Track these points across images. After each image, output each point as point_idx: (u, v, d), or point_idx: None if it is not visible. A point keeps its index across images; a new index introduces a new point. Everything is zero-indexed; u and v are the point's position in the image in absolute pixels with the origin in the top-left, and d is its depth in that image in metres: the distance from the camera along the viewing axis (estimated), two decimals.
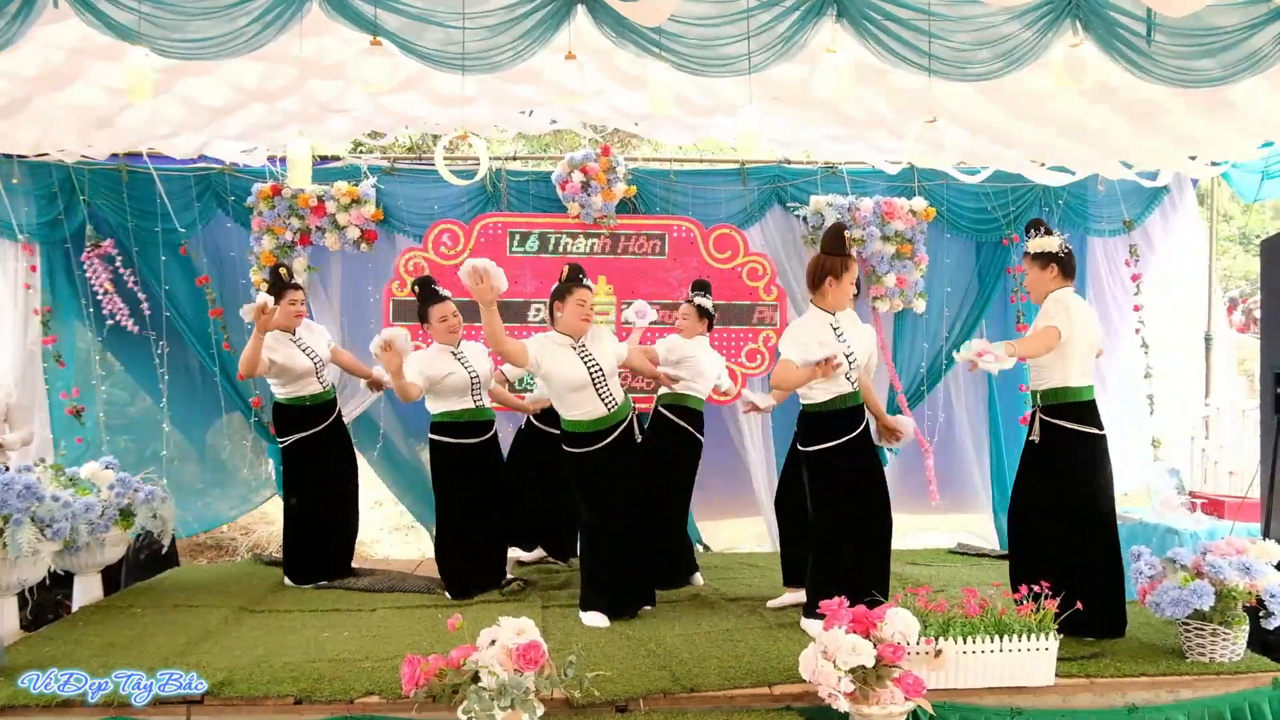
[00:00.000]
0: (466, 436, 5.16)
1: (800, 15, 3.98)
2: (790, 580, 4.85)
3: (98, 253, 6.60)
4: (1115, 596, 4.23)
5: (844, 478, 4.33)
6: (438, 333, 5.18)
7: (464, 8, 3.86)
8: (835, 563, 4.27)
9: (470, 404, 5.15)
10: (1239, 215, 12.08)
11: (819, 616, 3.52)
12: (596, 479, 4.58)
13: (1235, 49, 4.00)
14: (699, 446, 5.49)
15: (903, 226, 6.84)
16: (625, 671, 3.68)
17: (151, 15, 3.79)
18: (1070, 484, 4.28)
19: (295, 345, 5.41)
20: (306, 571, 5.49)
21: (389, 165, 6.99)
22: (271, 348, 5.26)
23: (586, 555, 4.69)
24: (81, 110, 5.37)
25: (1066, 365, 4.29)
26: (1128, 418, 7.31)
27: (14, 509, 3.99)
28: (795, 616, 4.56)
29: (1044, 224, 4.50)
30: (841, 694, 3.17)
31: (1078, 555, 4.20)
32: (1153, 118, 5.27)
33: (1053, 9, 3.89)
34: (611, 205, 6.74)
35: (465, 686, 3.06)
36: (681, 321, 5.58)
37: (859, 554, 4.29)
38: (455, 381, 5.09)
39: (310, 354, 5.43)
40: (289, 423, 5.48)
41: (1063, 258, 4.39)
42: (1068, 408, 4.32)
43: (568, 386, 4.51)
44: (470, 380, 5.12)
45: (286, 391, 5.44)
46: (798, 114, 5.77)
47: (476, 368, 5.16)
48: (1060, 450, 4.32)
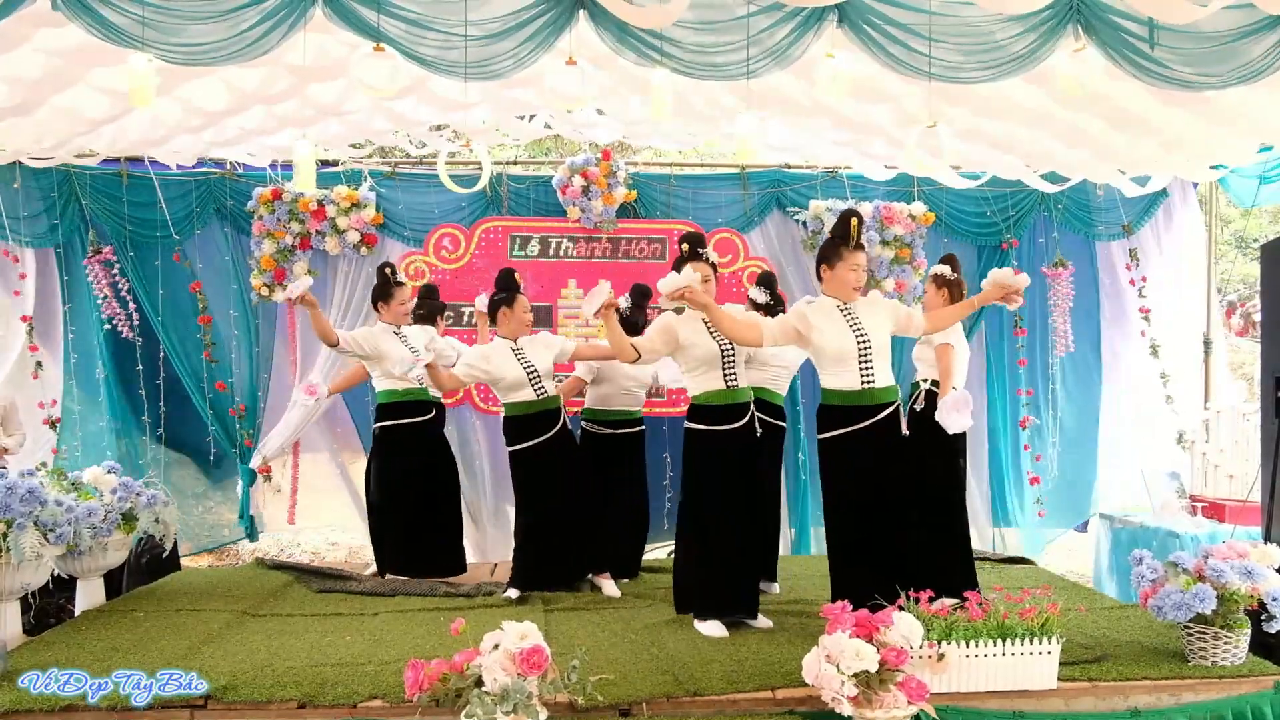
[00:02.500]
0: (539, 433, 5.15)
1: (800, 22, 4.00)
2: None
3: (99, 258, 6.61)
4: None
5: (849, 467, 4.25)
6: (514, 325, 5.20)
7: (466, 14, 3.88)
8: (846, 553, 4.26)
9: (532, 395, 5.14)
10: (1237, 219, 12.11)
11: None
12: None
13: (1235, 55, 4.02)
14: (782, 434, 5.35)
15: (902, 231, 6.85)
16: (628, 675, 3.68)
17: (153, 20, 3.81)
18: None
19: (399, 340, 5.58)
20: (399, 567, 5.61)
21: (389, 169, 7.00)
22: (376, 336, 5.54)
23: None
24: (81, 114, 5.37)
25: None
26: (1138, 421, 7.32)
27: (17, 513, 3.98)
28: (798, 620, 4.56)
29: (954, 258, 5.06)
30: (845, 698, 3.17)
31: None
32: (1149, 122, 5.29)
33: (1055, 14, 3.91)
34: (612, 210, 6.76)
35: (468, 691, 3.05)
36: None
37: (868, 542, 4.22)
38: (516, 377, 5.11)
39: (413, 351, 5.54)
40: (387, 413, 5.63)
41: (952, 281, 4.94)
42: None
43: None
44: (528, 373, 5.12)
45: (386, 384, 5.59)
46: (796, 120, 5.79)
47: (535, 361, 5.15)
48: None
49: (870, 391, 4.22)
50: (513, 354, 5.13)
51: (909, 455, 4.28)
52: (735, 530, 4.39)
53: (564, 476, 5.15)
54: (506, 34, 3.96)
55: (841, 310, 4.29)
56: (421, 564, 5.56)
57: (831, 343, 4.21)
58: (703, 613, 4.43)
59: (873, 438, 4.21)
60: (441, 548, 5.67)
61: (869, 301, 4.38)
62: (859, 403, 4.23)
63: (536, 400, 5.11)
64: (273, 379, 6.94)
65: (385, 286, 5.64)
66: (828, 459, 4.32)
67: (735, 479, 4.41)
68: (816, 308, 4.32)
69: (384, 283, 5.65)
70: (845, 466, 4.25)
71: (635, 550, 5.69)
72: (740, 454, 4.42)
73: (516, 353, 5.14)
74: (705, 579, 4.44)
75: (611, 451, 5.52)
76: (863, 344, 4.21)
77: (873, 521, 4.21)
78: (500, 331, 5.22)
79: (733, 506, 4.40)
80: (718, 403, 4.43)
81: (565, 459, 5.18)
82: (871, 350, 4.21)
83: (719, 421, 4.41)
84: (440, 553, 5.65)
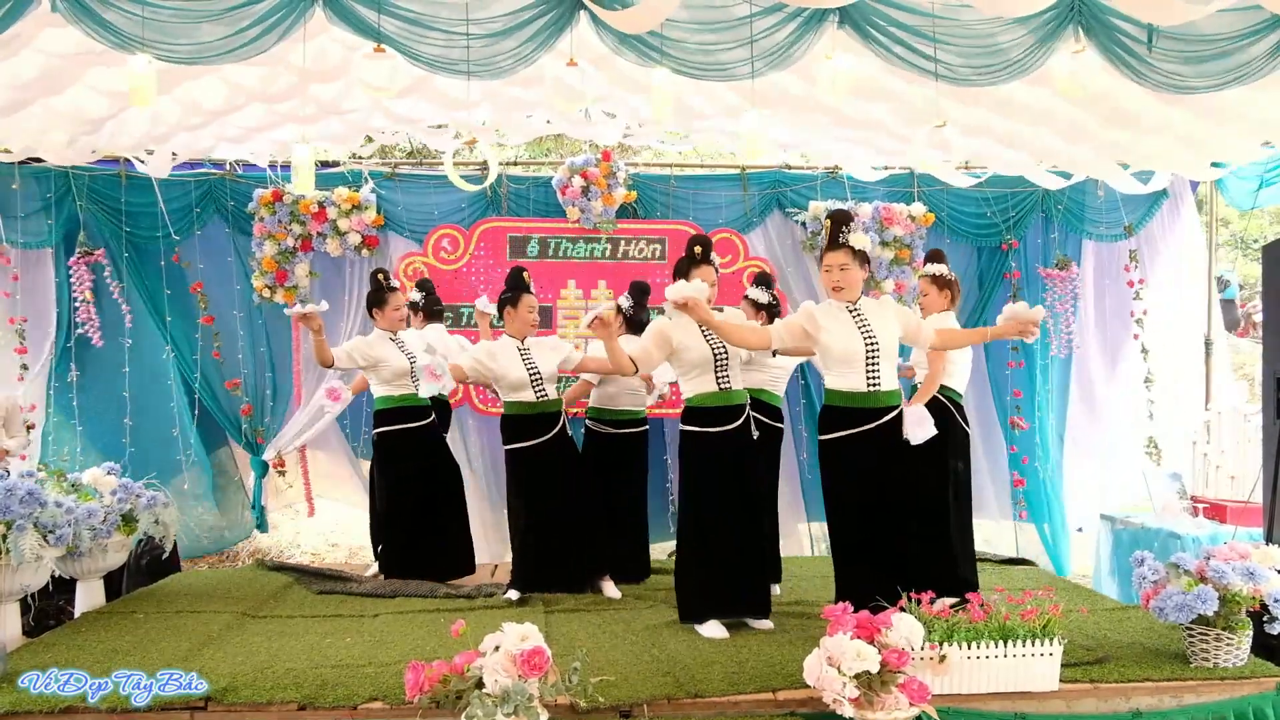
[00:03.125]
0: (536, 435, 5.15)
1: (802, 23, 4.00)
2: None
3: (87, 260, 6.60)
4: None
5: (851, 469, 4.23)
6: (519, 324, 5.19)
7: (468, 14, 3.88)
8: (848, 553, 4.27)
9: (532, 397, 5.14)
10: (1237, 220, 12.10)
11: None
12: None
13: (1233, 57, 4.03)
14: (779, 435, 5.37)
15: (901, 232, 6.85)
16: (629, 677, 3.67)
17: (153, 20, 3.80)
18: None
19: (395, 345, 5.55)
20: (398, 568, 5.58)
21: (390, 170, 7.00)
22: (371, 344, 5.50)
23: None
24: (79, 114, 5.37)
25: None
26: (1129, 422, 7.33)
27: (17, 515, 3.97)
28: (799, 621, 4.55)
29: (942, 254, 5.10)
30: (846, 700, 3.16)
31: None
32: (1150, 120, 5.29)
33: (1056, 16, 3.90)
34: (612, 210, 6.76)
35: (469, 692, 3.05)
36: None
37: (870, 542, 4.22)
38: (519, 377, 5.10)
39: (410, 356, 5.52)
40: (385, 419, 5.59)
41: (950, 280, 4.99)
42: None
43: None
44: (530, 374, 5.12)
45: (383, 390, 5.56)
46: (797, 118, 5.79)
47: (539, 364, 5.14)
48: None
49: (875, 394, 4.19)
50: (518, 354, 5.13)
51: (908, 459, 4.28)
52: (733, 530, 4.39)
53: (563, 478, 5.14)
54: (508, 33, 3.96)
55: (850, 311, 4.26)
56: (425, 568, 5.54)
57: (838, 343, 4.19)
58: (703, 614, 4.42)
59: (876, 440, 4.19)
60: (443, 550, 5.65)
61: (879, 304, 4.36)
62: (864, 405, 4.20)
63: (536, 402, 5.11)
64: (278, 377, 6.99)
65: (379, 293, 5.60)
66: (830, 460, 4.30)
67: (730, 480, 4.40)
68: (825, 308, 4.30)
69: (378, 289, 5.62)
70: (848, 468, 4.23)
71: (638, 552, 5.67)
72: (735, 455, 4.42)
73: (523, 353, 5.14)
74: (705, 580, 4.43)
75: (615, 452, 5.51)
76: (870, 346, 4.18)
77: (875, 522, 4.20)
78: (507, 330, 5.21)
79: (729, 507, 4.39)
80: (711, 404, 4.43)
81: (564, 461, 5.18)
82: (879, 352, 4.19)
83: (713, 424, 4.41)
84: (442, 555, 5.63)
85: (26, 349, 6.67)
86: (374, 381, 5.59)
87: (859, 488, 4.21)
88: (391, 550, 5.66)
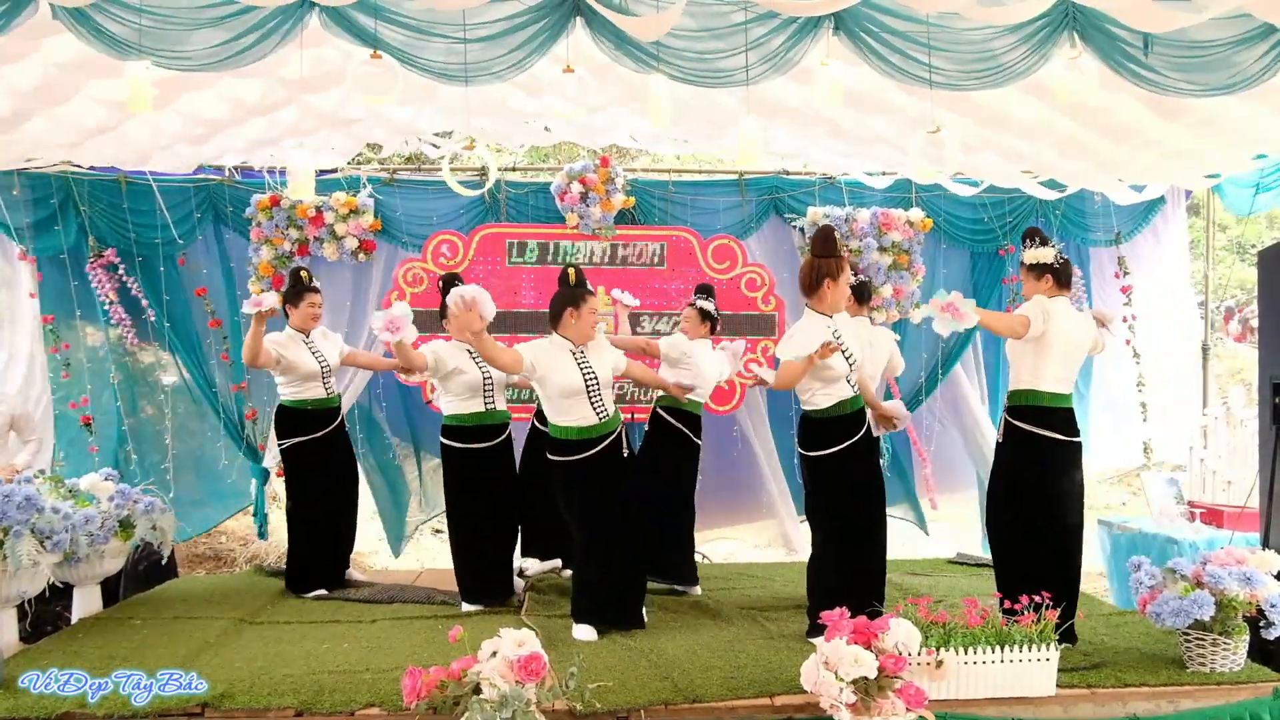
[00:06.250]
0: (478, 441, 5.15)
1: (797, 29, 4.01)
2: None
3: (100, 263, 6.61)
4: (1065, 611, 3.91)
5: (845, 482, 4.31)
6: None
7: (465, 19, 3.88)
8: (833, 568, 4.28)
9: (482, 406, 5.15)
10: (1234, 225, 12.13)
11: (822, 628, 3.50)
12: (581, 489, 4.49)
13: (1226, 65, 4.04)
14: (697, 450, 5.48)
15: (900, 238, 6.86)
16: (627, 682, 3.67)
17: (151, 28, 3.81)
18: (1030, 489, 4.25)
19: (307, 347, 5.44)
20: (305, 581, 5.48)
21: (388, 176, 7.01)
22: (283, 345, 5.34)
23: (578, 567, 4.63)
24: (79, 123, 5.37)
25: (1037, 368, 4.26)
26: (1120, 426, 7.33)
27: (14, 521, 3.98)
28: (797, 627, 4.55)
29: (1040, 233, 4.43)
30: (843, 705, 3.17)
31: (1038, 564, 4.17)
32: (1145, 133, 5.30)
33: (1051, 21, 3.92)
34: (610, 216, 6.76)
35: (467, 698, 3.06)
36: (684, 324, 5.55)
37: (857, 559, 4.28)
38: (468, 380, 5.08)
39: (319, 358, 5.44)
40: (290, 426, 5.47)
41: (1057, 268, 4.34)
42: (1031, 411, 4.27)
43: (562, 392, 4.46)
44: (483, 380, 5.11)
45: (291, 393, 5.45)
46: (796, 128, 5.80)
47: (490, 368, 5.06)
48: (1021, 453, 4.29)
49: (857, 399, 4.45)
50: (469, 355, 5.07)
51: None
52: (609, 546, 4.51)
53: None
54: (502, 37, 3.97)
55: (831, 330, 4.35)
56: (320, 575, 5.53)
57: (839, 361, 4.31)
58: (577, 618, 4.53)
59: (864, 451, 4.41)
60: (343, 556, 5.68)
61: (841, 316, 4.48)
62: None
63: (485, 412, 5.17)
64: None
65: (295, 288, 5.44)
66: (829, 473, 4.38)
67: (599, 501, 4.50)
68: (813, 326, 4.38)
69: (294, 284, 5.46)
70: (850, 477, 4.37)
71: (686, 553, 5.62)
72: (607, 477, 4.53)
73: (474, 357, 5.06)
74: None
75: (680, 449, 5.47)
76: (849, 357, 4.35)
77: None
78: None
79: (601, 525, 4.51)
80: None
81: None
82: (857, 363, 4.43)
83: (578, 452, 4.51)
84: (338, 563, 5.64)
85: (66, 345, 6.64)
86: (280, 382, 5.48)
87: (850, 503, 4.37)
88: (299, 558, 5.57)
